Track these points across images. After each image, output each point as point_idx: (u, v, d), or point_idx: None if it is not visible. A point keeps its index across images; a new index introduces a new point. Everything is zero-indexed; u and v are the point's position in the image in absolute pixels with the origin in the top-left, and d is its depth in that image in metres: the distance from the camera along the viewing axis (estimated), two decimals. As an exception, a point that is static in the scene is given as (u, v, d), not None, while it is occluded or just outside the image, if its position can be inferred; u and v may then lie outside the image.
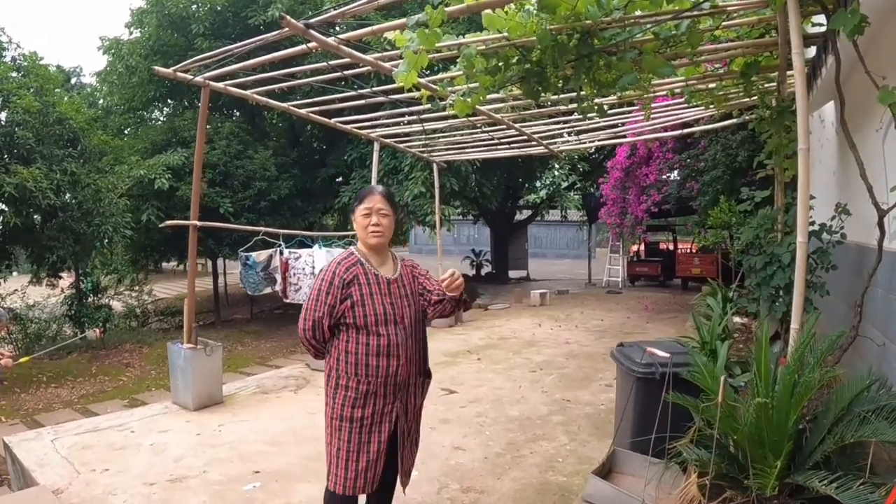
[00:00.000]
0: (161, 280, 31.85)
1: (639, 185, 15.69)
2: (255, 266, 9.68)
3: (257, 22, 17.74)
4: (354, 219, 3.82)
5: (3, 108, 13.47)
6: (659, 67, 4.54)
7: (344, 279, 3.63)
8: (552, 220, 35.05)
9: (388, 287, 3.73)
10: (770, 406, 3.65)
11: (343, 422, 3.64)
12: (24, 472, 6.06)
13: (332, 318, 3.63)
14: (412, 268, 3.99)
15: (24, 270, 18.40)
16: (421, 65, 4.22)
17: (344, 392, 3.64)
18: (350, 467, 3.64)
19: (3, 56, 14.71)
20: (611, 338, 11.93)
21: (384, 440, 3.68)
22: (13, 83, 13.54)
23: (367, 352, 3.60)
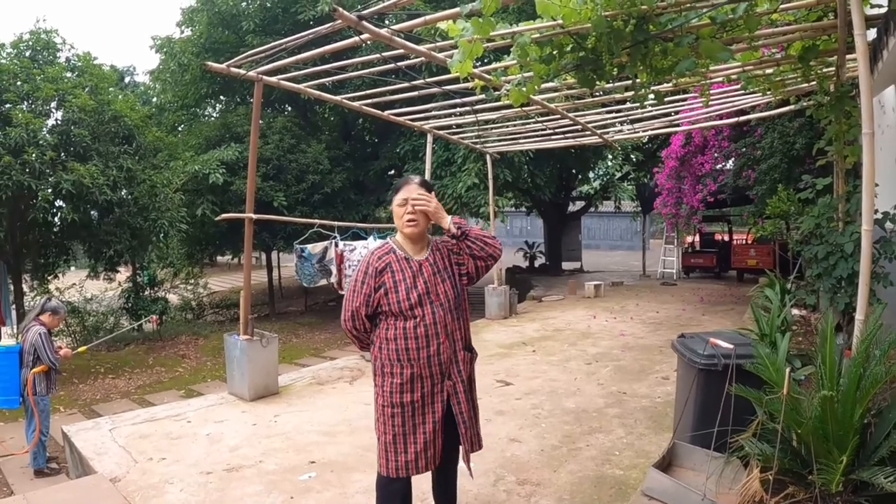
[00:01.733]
0: (216, 273, 32.29)
1: (694, 175, 15.46)
2: (311, 258, 9.71)
3: (307, 17, 17.84)
4: (392, 208, 3.85)
5: (60, 108, 13.73)
6: (716, 52, 4.43)
7: (376, 268, 3.68)
8: (605, 211, 34.71)
9: (419, 268, 3.73)
10: (835, 399, 3.55)
11: (394, 408, 3.67)
12: (83, 460, 6.16)
13: (368, 308, 3.69)
14: (444, 243, 3.94)
15: (82, 265, 18.72)
16: (476, 54, 4.18)
17: (391, 379, 3.67)
18: (409, 450, 3.67)
19: (57, 57, 14.98)
20: (666, 330, 11.81)
21: (438, 419, 3.71)
22: (68, 83, 13.78)
23: (406, 335, 3.62)
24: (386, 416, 3.71)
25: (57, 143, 12.87)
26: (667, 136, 16.92)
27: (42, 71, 13.77)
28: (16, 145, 11.94)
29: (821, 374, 3.83)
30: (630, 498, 4.70)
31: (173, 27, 31.86)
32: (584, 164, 23.45)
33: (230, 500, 4.98)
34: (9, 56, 14.25)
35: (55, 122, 13.85)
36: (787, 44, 6.09)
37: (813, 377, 4.14)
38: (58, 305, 8.25)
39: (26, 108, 13.15)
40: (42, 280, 16.94)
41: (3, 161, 11.52)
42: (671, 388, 7.66)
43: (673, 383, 7.75)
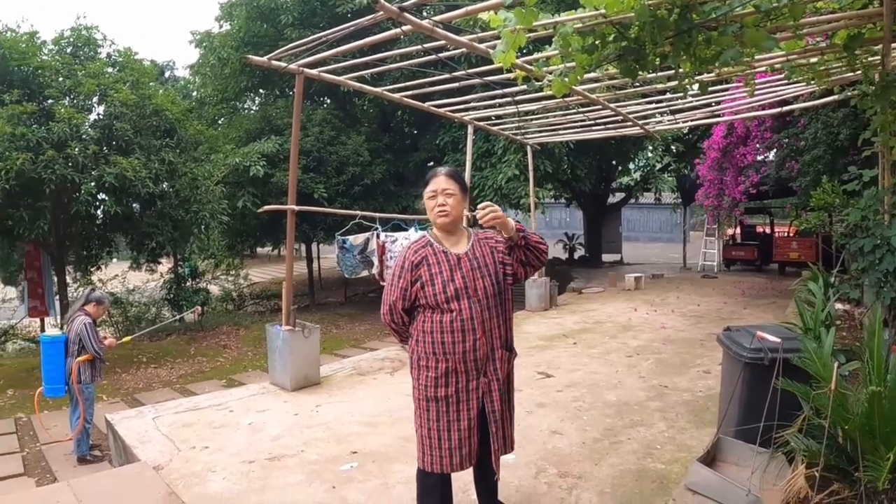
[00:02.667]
0: (256, 264, 32.59)
1: (736, 166, 15.31)
2: (352, 249, 9.75)
3: (345, 10, 17.87)
4: (424, 201, 3.85)
5: (101, 102, 13.87)
6: (761, 41, 4.36)
7: (413, 262, 3.67)
8: (645, 202, 34.47)
9: (457, 262, 3.70)
10: (883, 395, 3.49)
11: (429, 402, 3.67)
12: (126, 448, 6.23)
13: (405, 301, 3.70)
14: (487, 239, 3.89)
15: (124, 257, 18.96)
16: (519, 44, 4.16)
17: (426, 372, 3.67)
18: (443, 446, 3.66)
19: (98, 53, 15.16)
20: (707, 323, 11.71)
21: (474, 416, 3.69)
22: (109, 78, 13.94)
23: (442, 329, 3.60)
24: (422, 410, 3.73)
25: (99, 137, 13.01)
26: (708, 127, 16.76)
27: (83, 67, 13.93)
28: (59, 140, 12.09)
29: (868, 370, 3.78)
30: (672, 492, 4.67)
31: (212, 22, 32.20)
32: (625, 156, 23.30)
33: (272, 489, 5.01)
34: (50, 53, 14.44)
35: (97, 116, 14.00)
36: (832, 32, 5.98)
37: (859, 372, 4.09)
38: (101, 296, 8.38)
39: (68, 103, 13.30)
40: (85, 272, 17.18)
41: (46, 155, 11.67)
42: (712, 382, 7.63)
43: (714, 377, 7.71)
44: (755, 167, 15.00)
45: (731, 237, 24.17)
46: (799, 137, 12.97)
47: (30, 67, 13.13)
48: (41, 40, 14.44)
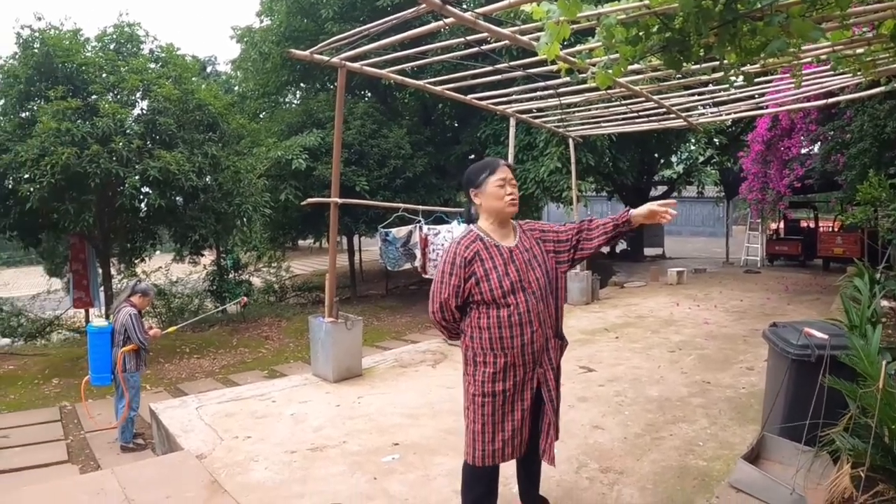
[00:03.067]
0: (297, 257, 32.81)
1: (780, 159, 15.09)
2: (395, 242, 9.77)
3: (385, 4, 17.88)
4: (483, 191, 3.75)
5: (145, 98, 14.06)
6: (808, 31, 4.27)
7: (465, 258, 3.60)
8: (687, 196, 34.05)
9: (510, 255, 3.66)
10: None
11: (486, 397, 3.62)
12: (169, 437, 6.31)
13: (458, 299, 3.63)
14: (532, 230, 3.89)
15: (167, 249, 19.20)
16: (563, 36, 4.11)
17: (483, 368, 3.62)
18: (497, 438, 3.64)
19: (141, 49, 15.35)
20: (750, 319, 11.58)
21: (527, 408, 3.68)
22: (152, 74, 14.13)
23: (500, 324, 3.55)
24: (476, 406, 3.67)
25: (143, 132, 13.18)
26: (751, 120, 16.54)
27: (127, 63, 14.13)
28: (103, 134, 12.26)
29: (916, 369, 3.70)
30: (715, 490, 4.63)
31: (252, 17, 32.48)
32: (667, 148, 23.13)
33: (314, 480, 5.04)
34: (94, 49, 14.66)
35: (141, 111, 14.19)
36: (879, 22, 5.86)
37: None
38: (147, 287, 8.56)
39: (112, 98, 13.49)
40: (129, 264, 17.45)
41: (91, 150, 11.83)
42: (756, 378, 7.55)
43: (758, 374, 7.64)
44: (800, 160, 14.79)
45: (774, 232, 23.84)
46: (845, 130, 12.77)
47: (74, 64, 13.33)
48: (84, 38, 14.68)
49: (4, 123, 12.97)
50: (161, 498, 4.73)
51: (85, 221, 12.70)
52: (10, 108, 13.38)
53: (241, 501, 4.67)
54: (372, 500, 4.68)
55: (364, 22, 15.63)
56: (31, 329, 17.39)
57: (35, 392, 11.68)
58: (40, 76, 13.31)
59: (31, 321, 17.78)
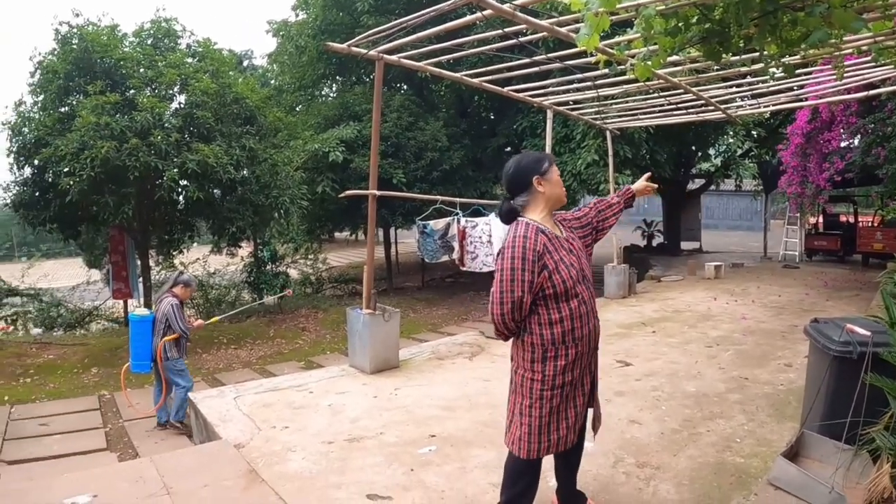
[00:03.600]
0: (334, 249, 32.97)
1: (820, 152, 14.86)
2: (433, 234, 9.78)
3: (422, -4, 17.86)
4: (548, 178, 3.73)
5: (182, 92, 14.19)
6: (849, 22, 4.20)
7: (537, 251, 3.51)
8: (724, 189, 33.71)
9: (569, 245, 3.69)
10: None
11: (555, 390, 3.60)
12: (207, 426, 6.37)
13: (531, 295, 3.53)
14: (565, 220, 3.96)
15: (205, 241, 19.38)
16: (603, 27, 4.08)
17: (554, 362, 3.58)
18: (561, 427, 3.67)
19: (178, 44, 15.49)
20: (789, 315, 11.46)
21: (587, 393, 3.77)
22: (190, 68, 14.26)
23: (571, 315, 3.56)
24: (545, 400, 3.62)
25: (181, 125, 13.30)
26: (790, 112, 16.35)
27: (164, 57, 14.27)
28: (142, 128, 12.39)
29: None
30: (752, 487, 4.59)
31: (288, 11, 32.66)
32: (704, 141, 22.88)
33: (351, 470, 5.07)
34: (131, 45, 14.80)
35: (179, 105, 14.32)
36: (922, 12, 5.77)
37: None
38: (189, 279, 8.84)
39: (150, 92, 13.61)
40: (167, 255, 17.67)
41: (130, 143, 11.97)
42: (794, 375, 7.48)
43: (796, 370, 7.57)
44: (840, 153, 14.56)
45: (813, 226, 23.52)
46: (886, 123, 12.57)
47: (112, 59, 13.50)
48: (122, 33, 14.83)
49: (44, 118, 13.13)
50: (199, 486, 4.79)
51: (124, 214, 12.86)
52: (49, 103, 13.55)
53: (279, 491, 4.70)
54: (409, 491, 4.69)
55: (399, 15, 15.64)
56: (71, 319, 17.64)
57: (75, 381, 11.85)
58: (79, 71, 13.47)
59: (71, 311, 18.02)
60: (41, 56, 14.06)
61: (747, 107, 11.43)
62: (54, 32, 13.86)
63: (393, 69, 8.74)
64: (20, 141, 13.28)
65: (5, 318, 15.96)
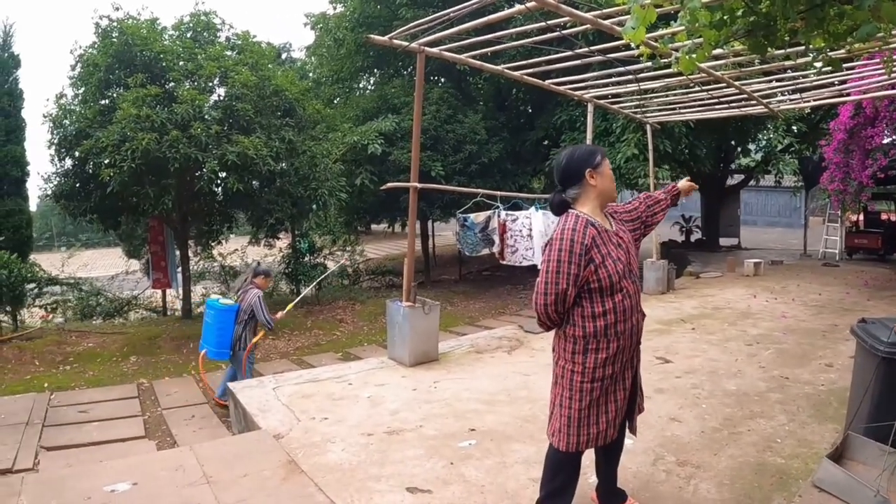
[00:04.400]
0: (371, 241, 33.07)
1: (863, 148, 14.62)
2: (474, 227, 9.77)
3: (459, -12, 17.79)
4: (600, 172, 3.72)
5: (222, 84, 14.31)
6: (898, 15, 4.13)
7: (585, 244, 3.51)
8: (764, 185, 33.27)
9: (619, 239, 3.69)
10: None
11: (595, 382, 3.61)
12: (246, 416, 6.41)
13: (576, 287, 3.54)
14: (616, 213, 3.95)
15: (243, 232, 19.52)
16: (649, 20, 4.03)
17: (595, 355, 3.59)
18: (601, 420, 3.67)
19: (217, 37, 15.61)
20: (829, 314, 11.30)
21: (628, 387, 3.75)
22: (229, 61, 14.37)
23: (615, 309, 3.56)
24: (584, 392, 3.63)
25: (221, 118, 13.40)
26: (831, 107, 16.13)
27: (204, 50, 14.39)
28: (182, 120, 12.50)
29: None
30: (794, 488, 4.53)
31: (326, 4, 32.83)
32: (745, 136, 22.64)
33: (391, 462, 5.08)
34: (171, 38, 14.94)
35: (218, 97, 14.45)
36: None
37: None
38: (269, 269, 9.57)
39: (190, 85, 13.74)
40: (206, 246, 17.84)
41: (170, 135, 12.08)
42: (835, 375, 7.38)
43: (837, 371, 7.47)
44: (883, 150, 14.31)
45: (854, 224, 23.16)
46: (930, 119, 12.35)
47: (152, 52, 13.62)
48: (161, 26, 14.98)
49: (85, 110, 13.30)
50: (239, 476, 4.82)
51: (164, 205, 12.99)
52: (90, 96, 13.72)
53: (318, 482, 4.72)
54: (449, 485, 4.70)
55: (438, 8, 15.62)
56: (110, 308, 17.83)
57: (114, 369, 11.98)
58: (119, 64, 13.62)
59: (110, 301, 18.22)
60: (82, 49, 14.26)
61: (789, 101, 11.30)
62: (94, 26, 14.04)
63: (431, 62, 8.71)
64: (61, 133, 13.46)
65: (45, 307, 16.15)
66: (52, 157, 13.97)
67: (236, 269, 19.57)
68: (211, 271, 20.18)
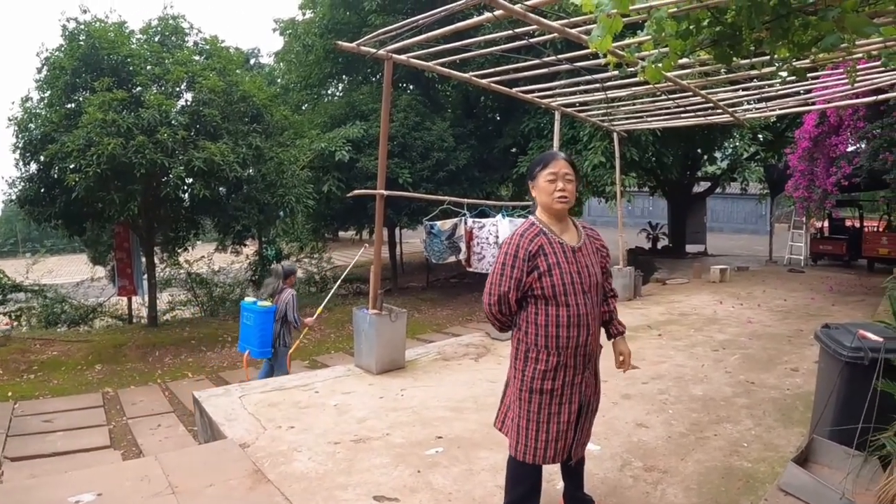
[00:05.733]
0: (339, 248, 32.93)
1: (828, 156, 14.81)
2: (440, 235, 9.78)
3: (429, -5, 17.89)
4: (536, 184, 3.73)
5: (190, 89, 14.26)
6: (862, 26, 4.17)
7: (529, 251, 3.54)
8: (730, 193, 33.62)
9: (573, 255, 3.63)
10: None
11: (533, 394, 3.61)
12: (212, 425, 6.34)
13: (518, 292, 3.57)
14: (595, 239, 3.88)
15: (209, 238, 19.44)
16: (616, 29, 4.06)
17: (534, 364, 3.60)
18: (540, 437, 3.63)
19: (185, 41, 15.56)
20: (795, 319, 11.42)
21: (574, 410, 3.66)
22: (197, 66, 14.33)
23: (558, 323, 3.53)
24: (523, 400, 3.66)
25: (188, 123, 13.33)
26: (796, 116, 16.35)
27: (171, 55, 14.34)
28: (148, 125, 12.44)
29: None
30: (760, 492, 4.57)
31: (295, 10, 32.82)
32: (710, 144, 22.88)
33: (358, 471, 5.05)
34: (139, 42, 14.87)
35: (186, 102, 14.40)
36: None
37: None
38: (293, 267, 9.96)
39: (157, 90, 13.68)
40: (172, 253, 17.73)
41: (136, 140, 12.02)
42: (800, 380, 7.47)
43: (802, 375, 7.56)
44: (847, 158, 14.51)
45: (818, 231, 23.44)
46: (893, 128, 12.53)
47: (119, 56, 13.55)
48: (129, 30, 14.90)
49: (51, 114, 13.18)
50: (204, 486, 4.77)
51: (130, 211, 12.90)
52: (56, 100, 13.61)
53: (285, 491, 4.69)
54: (416, 492, 4.67)
55: (407, 14, 15.64)
56: (75, 316, 17.69)
57: (79, 378, 11.87)
58: (86, 68, 13.53)
59: (75, 308, 18.06)
60: (48, 52, 14.13)
61: (755, 110, 11.42)
62: (62, 29, 13.95)
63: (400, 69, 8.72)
64: (26, 137, 13.33)
65: (9, 314, 15.98)
66: (17, 162, 13.84)
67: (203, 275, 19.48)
68: (177, 278, 20.06)
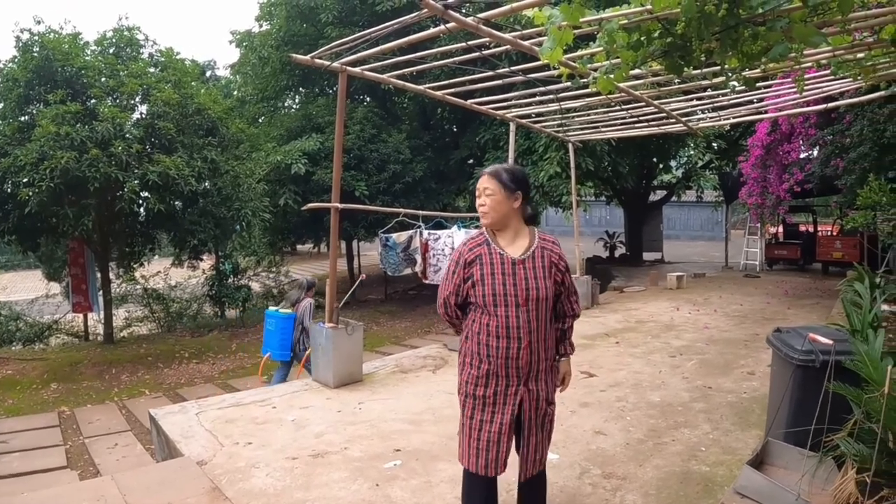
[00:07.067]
0: (297, 261, 32.84)
1: (780, 163, 15.05)
2: (396, 247, 9.79)
3: (385, 8, 17.97)
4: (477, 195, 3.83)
5: (144, 102, 14.16)
6: (810, 37, 4.25)
7: (466, 259, 3.64)
8: (686, 200, 34.00)
9: (511, 267, 3.61)
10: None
11: (467, 398, 3.70)
12: (169, 443, 6.26)
13: (458, 297, 3.70)
14: (550, 251, 3.78)
15: (166, 253, 19.28)
16: (566, 41, 4.11)
17: (468, 370, 3.69)
18: (472, 444, 3.68)
19: (140, 53, 15.45)
20: (751, 323, 11.57)
21: (506, 422, 3.62)
22: (152, 78, 14.23)
23: (487, 332, 3.58)
24: (461, 405, 3.77)
25: (143, 136, 13.23)
26: (750, 124, 16.54)
27: (126, 67, 14.21)
28: (103, 139, 12.30)
29: (919, 373, 3.68)
30: (718, 496, 4.61)
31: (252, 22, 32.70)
32: (666, 153, 23.12)
33: (316, 486, 5.01)
34: (93, 53, 14.75)
35: (140, 115, 14.28)
36: (879, 27, 5.86)
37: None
38: (314, 281, 10.39)
39: (112, 102, 13.56)
40: (128, 268, 17.54)
41: (90, 154, 11.88)
42: (757, 383, 7.56)
43: (759, 378, 7.65)
44: (799, 164, 14.74)
45: (773, 236, 23.79)
46: (844, 134, 12.73)
47: (73, 68, 13.40)
48: (84, 41, 14.76)
49: (3, 127, 13.03)
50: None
51: (84, 226, 12.74)
52: (9, 112, 13.44)
53: (243, 508, 4.65)
54: (374, 506, 4.65)
55: (363, 27, 15.65)
56: (30, 333, 17.43)
57: (34, 397, 11.68)
58: (40, 80, 13.36)
59: (30, 325, 17.81)
60: (1, 64, 13.94)
61: (708, 119, 11.55)
62: (15, 40, 13.78)
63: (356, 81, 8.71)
64: (-22, 150, 13.10)
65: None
66: (-30, 176, 13.60)
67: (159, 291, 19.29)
68: (134, 294, 19.85)
